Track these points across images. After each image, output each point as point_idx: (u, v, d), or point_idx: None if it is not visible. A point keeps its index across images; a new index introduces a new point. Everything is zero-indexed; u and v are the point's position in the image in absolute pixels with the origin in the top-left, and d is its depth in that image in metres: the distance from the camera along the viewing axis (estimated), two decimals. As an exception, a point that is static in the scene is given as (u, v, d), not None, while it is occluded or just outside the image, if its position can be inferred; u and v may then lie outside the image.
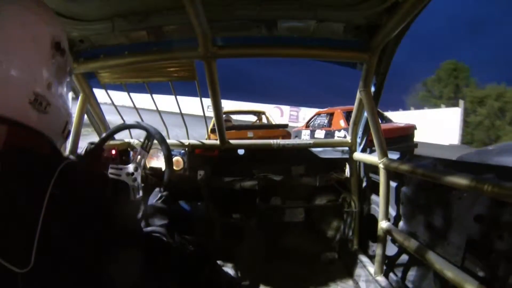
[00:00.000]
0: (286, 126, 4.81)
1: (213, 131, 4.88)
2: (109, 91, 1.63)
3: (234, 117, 6.57)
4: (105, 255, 0.45)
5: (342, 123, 6.00)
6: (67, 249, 0.41)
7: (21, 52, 0.47)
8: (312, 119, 7.49)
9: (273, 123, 5.91)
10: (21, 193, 0.40)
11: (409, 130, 6.05)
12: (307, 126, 7.54)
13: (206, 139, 2.27)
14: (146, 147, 1.22)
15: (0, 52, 0.45)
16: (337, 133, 5.95)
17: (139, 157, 1.20)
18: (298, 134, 7.90)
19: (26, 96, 0.47)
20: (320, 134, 6.54)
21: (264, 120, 6.34)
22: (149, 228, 0.72)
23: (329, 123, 6.50)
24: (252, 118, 7.05)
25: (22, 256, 0.38)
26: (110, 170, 1.15)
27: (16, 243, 0.39)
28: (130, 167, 1.19)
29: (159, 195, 1.03)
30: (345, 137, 5.79)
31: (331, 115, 6.58)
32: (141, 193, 1.16)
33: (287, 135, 4.74)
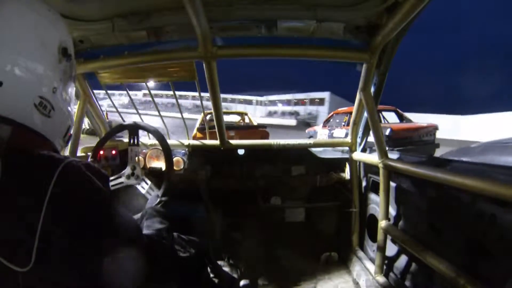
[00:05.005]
0: (265, 126, 5.80)
1: (199, 130, 5.24)
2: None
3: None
4: (105, 254, 0.45)
5: None
6: (67, 249, 0.41)
7: (30, 56, 0.48)
8: (330, 119, 7.67)
9: (254, 123, 6.82)
10: (22, 193, 0.41)
11: (430, 130, 6.00)
12: (324, 125, 7.70)
13: (193, 137, 2.28)
14: (133, 143, 1.23)
15: (10, 54, 0.46)
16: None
17: (132, 155, 1.21)
18: (313, 135, 8.02)
19: (32, 99, 0.48)
20: (340, 133, 6.66)
21: (247, 120, 7.21)
22: (149, 231, 0.72)
23: (349, 122, 6.62)
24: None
25: (23, 255, 0.38)
26: (111, 184, 1.15)
27: (17, 243, 0.39)
28: (128, 169, 1.19)
29: (158, 199, 1.03)
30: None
31: (351, 114, 6.71)
32: (149, 182, 1.17)
33: (266, 135, 5.48)
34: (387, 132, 5.25)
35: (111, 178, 1.17)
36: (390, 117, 6.75)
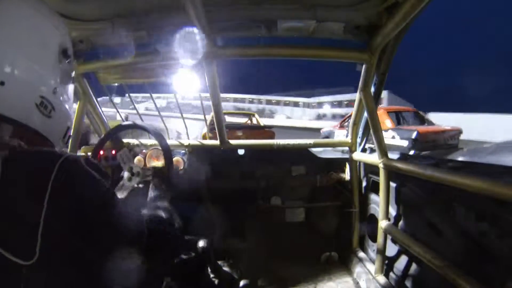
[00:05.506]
0: (271, 127, 6.07)
1: (210, 130, 5.34)
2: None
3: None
4: (106, 248, 0.46)
5: (389, 123, 5.82)
6: (69, 242, 0.42)
7: (32, 57, 0.49)
8: (348, 119, 7.38)
9: (261, 124, 7.12)
10: (23, 188, 0.41)
11: (454, 133, 5.83)
12: (341, 126, 7.42)
13: (203, 137, 2.29)
14: (117, 147, 1.22)
15: (11, 54, 0.46)
16: (383, 133, 5.79)
17: (123, 159, 1.20)
18: (329, 135, 7.73)
19: (33, 99, 0.48)
20: None
21: (254, 121, 7.46)
22: (153, 215, 0.70)
23: None
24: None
25: (27, 249, 0.39)
26: (119, 196, 1.14)
27: (21, 237, 0.40)
28: (125, 173, 1.18)
29: (160, 200, 1.02)
30: (393, 137, 5.51)
31: None
32: (141, 191, 1.16)
33: (272, 136, 5.62)
34: (414, 135, 5.11)
35: (117, 192, 1.16)
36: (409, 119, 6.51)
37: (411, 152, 5.01)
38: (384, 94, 25.14)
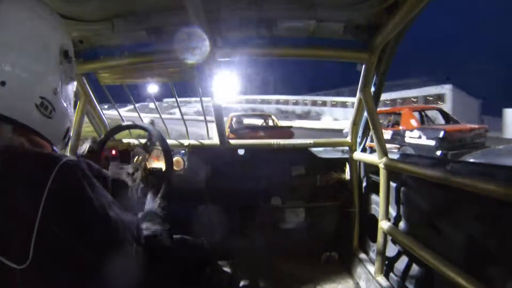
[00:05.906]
0: (290, 127, 6.34)
1: (232, 131, 5.60)
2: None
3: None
4: (103, 253, 0.45)
5: (414, 122, 5.79)
6: (65, 246, 0.41)
7: (32, 57, 0.49)
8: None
9: (279, 124, 7.39)
10: (20, 190, 0.41)
11: (481, 132, 5.75)
12: None
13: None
14: (146, 148, 1.23)
15: (12, 55, 0.46)
16: (408, 133, 5.70)
17: (139, 157, 1.21)
18: None
19: (33, 100, 0.48)
20: (385, 134, 6.22)
21: (270, 122, 7.68)
22: (149, 233, 0.71)
23: (395, 123, 6.30)
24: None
25: (20, 252, 0.38)
26: (110, 168, 1.15)
27: (15, 240, 0.39)
28: (130, 168, 1.19)
29: (158, 202, 1.02)
30: (419, 137, 5.51)
31: (396, 114, 6.44)
32: (139, 192, 1.16)
33: (291, 135, 5.82)
34: (441, 134, 5.00)
35: (114, 163, 1.17)
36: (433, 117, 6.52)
37: (438, 152, 4.92)
38: (447, 89, 20.79)
